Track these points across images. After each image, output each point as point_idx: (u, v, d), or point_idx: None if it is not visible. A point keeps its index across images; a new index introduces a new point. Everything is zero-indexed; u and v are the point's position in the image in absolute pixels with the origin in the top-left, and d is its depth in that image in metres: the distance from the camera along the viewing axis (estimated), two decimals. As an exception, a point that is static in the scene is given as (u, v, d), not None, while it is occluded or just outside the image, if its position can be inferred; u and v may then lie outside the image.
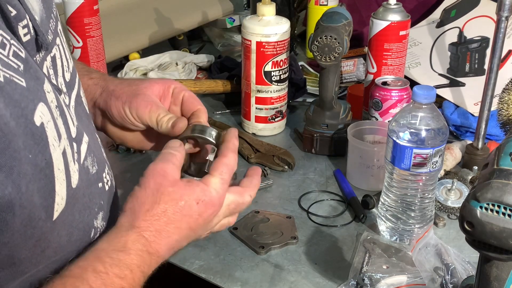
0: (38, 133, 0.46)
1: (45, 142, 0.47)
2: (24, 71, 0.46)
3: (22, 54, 0.46)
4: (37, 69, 0.49)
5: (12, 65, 0.44)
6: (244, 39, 1.09)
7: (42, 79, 0.49)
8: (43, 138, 0.46)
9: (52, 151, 0.48)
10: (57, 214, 0.49)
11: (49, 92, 0.50)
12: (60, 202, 0.49)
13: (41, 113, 0.47)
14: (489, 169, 0.52)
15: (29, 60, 0.47)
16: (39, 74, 0.49)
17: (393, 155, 0.79)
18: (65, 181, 0.50)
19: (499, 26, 0.90)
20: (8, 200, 0.43)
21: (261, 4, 1.08)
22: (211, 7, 1.63)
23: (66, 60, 0.58)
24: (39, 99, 0.47)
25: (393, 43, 1.08)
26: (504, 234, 0.48)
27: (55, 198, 0.48)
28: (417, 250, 0.75)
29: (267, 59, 1.08)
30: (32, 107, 0.46)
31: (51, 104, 0.49)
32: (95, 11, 1.22)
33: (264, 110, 1.14)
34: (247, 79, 1.13)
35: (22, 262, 0.48)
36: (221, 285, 0.76)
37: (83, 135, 0.57)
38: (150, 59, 1.40)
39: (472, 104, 1.14)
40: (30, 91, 0.46)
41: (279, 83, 1.12)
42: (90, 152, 0.57)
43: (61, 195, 0.49)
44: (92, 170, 0.57)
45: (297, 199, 0.95)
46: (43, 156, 0.46)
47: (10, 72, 0.44)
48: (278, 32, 1.07)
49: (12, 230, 0.45)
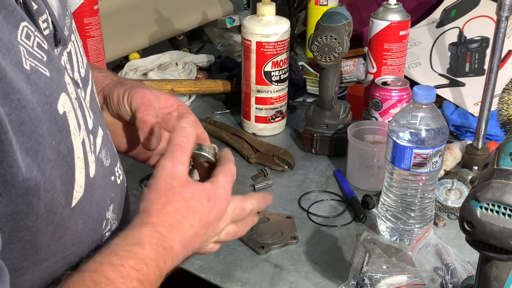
0: (61, 121, 0.48)
1: (67, 130, 0.49)
2: (47, 62, 0.48)
3: (45, 46, 0.48)
4: (58, 61, 0.51)
5: (36, 55, 0.46)
6: (244, 39, 1.09)
7: (63, 71, 0.51)
8: (66, 126, 0.49)
9: (73, 139, 0.50)
10: (75, 201, 0.50)
11: (69, 84, 0.52)
12: (79, 190, 0.51)
13: (63, 102, 0.49)
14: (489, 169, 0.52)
15: (51, 52, 0.49)
16: (60, 66, 0.51)
17: (393, 155, 0.79)
18: (84, 169, 0.51)
19: (499, 26, 0.90)
20: (34, 184, 0.45)
21: (261, 4, 1.08)
22: (211, 7, 1.63)
23: (80, 56, 0.60)
24: (62, 89, 0.49)
25: (393, 43, 1.08)
26: (504, 234, 0.48)
27: (75, 185, 0.50)
28: (417, 250, 0.75)
29: (267, 59, 1.08)
30: (56, 96, 0.48)
31: (71, 95, 0.51)
32: (95, 11, 1.22)
33: (264, 110, 1.14)
34: (247, 79, 1.13)
35: (42, 249, 0.50)
36: (221, 285, 0.76)
37: (98, 129, 0.59)
38: (150, 59, 1.40)
39: (472, 104, 1.14)
40: (53, 80, 0.48)
41: (279, 83, 1.12)
42: (104, 145, 0.59)
43: (80, 183, 0.51)
44: (106, 163, 0.59)
45: (297, 199, 0.95)
46: (65, 144, 0.48)
47: (36, 62, 0.46)
48: (278, 32, 1.07)
49: (36, 214, 0.46)
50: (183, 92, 1.26)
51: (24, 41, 0.45)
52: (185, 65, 1.40)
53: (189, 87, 1.26)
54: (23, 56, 0.45)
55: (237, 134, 1.12)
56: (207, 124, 1.17)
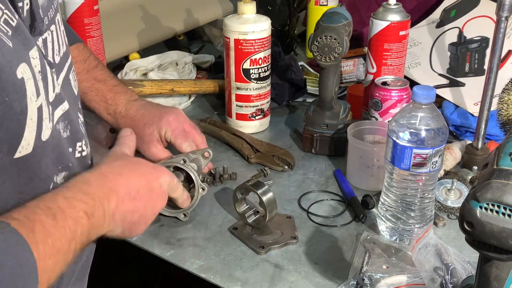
0: (18, 84, 0.55)
1: (24, 93, 0.56)
2: (12, 36, 0.55)
3: (13, 23, 0.56)
4: (27, 38, 0.58)
5: (2, 29, 0.54)
6: (224, 37, 1.10)
7: (30, 46, 0.58)
8: (22, 89, 0.56)
9: (29, 103, 0.56)
10: (19, 154, 0.57)
11: (34, 58, 0.59)
12: (25, 146, 0.57)
13: (22, 69, 0.56)
14: (489, 169, 0.52)
15: (20, 28, 0.57)
16: (28, 42, 0.58)
17: (393, 155, 0.79)
18: (35, 131, 0.58)
19: (499, 26, 0.90)
20: None
21: (241, 3, 1.09)
22: (211, 7, 1.63)
23: (58, 45, 0.68)
24: (23, 59, 0.56)
25: (393, 43, 1.08)
26: (504, 234, 0.48)
27: (22, 141, 0.57)
28: (417, 250, 0.75)
29: (245, 56, 1.09)
30: (16, 63, 0.55)
31: (34, 68, 0.58)
32: (95, 11, 1.22)
33: (244, 107, 1.14)
34: (228, 76, 1.13)
35: None
36: (221, 285, 0.76)
37: (63, 103, 0.66)
38: (150, 59, 1.40)
39: (472, 104, 1.14)
40: (15, 51, 0.55)
41: (258, 81, 1.12)
42: (64, 119, 0.66)
43: (28, 141, 0.57)
44: (63, 134, 0.66)
45: (297, 199, 0.95)
46: (19, 104, 0.55)
47: (1, 34, 0.54)
48: (256, 30, 1.07)
49: None
50: (183, 92, 1.26)
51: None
52: (185, 65, 1.40)
53: (189, 87, 1.26)
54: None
55: (237, 134, 1.12)
56: (207, 124, 1.17)
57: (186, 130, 0.96)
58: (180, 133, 0.95)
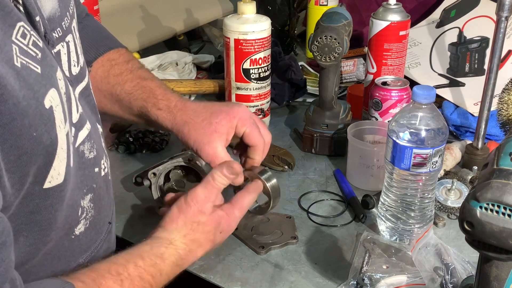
0: (46, 114, 0.51)
1: (52, 123, 0.52)
2: (41, 59, 0.52)
3: (40, 44, 0.52)
4: (52, 58, 0.55)
5: (30, 53, 0.50)
6: (224, 37, 1.10)
7: (56, 67, 0.55)
8: (51, 119, 0.52)
9: (58, 132, 0.53)
10: (49, 185, 0.54)
11: (60, 79, 0.55)
12: (55, 176, 0.54)
13: (51, 97, 0.52)
14: (489, 169, 0.52)
15: (45, 50, 0.53)
16: (54, 62, 0.55)
17: (393, 155, 0.79)
18: (66, 160, 0.56)
19: (498, 26, 0.90)
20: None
21: (241, 3, 1.09)
22: (211, 7, 1.63)
23: (76, 55, 0.65)
24: (51, 85, 0.53)
25: (393, 43, 1.08)
26: (504, 234, 0.48)
27: (50, 171, 0.54)
28: (417, 250, 0.75)
29: (245, 56, 1.09)
30: (44, 91, 0.51)
31: (61, 90, 0.55)
32: (95, 11, 1.22)
33: None
34: (228, 76, 1.14)
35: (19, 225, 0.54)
36: (221, 285, 0.76)
37: (86, 123, 0.63)
38: (150, 59, 1.40)
39: (472, 104, 1.14)
40: (43, 77, 0.52)
41: (258, 81, 1.12)
42: (90, 139, 0.64)
43: (58, 170, 0.55)
44: (89, 155, 0.64)
45: (297, 199, 0.95)
46: (49, 135, 0.52)
47: (27, 60, 0.50)
48: (256, 30, 1.07)
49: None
50: (183, 92, 1.26)
51: (19, 39, 0.49)
52: (185, 65, 1.40)
53: (189, 87, 1.26)
54: (15, 54, 0.48)
55: (237, 134, 1.12)
56: (207, 124, 1.17)
57: (256, 122, 0.85)
58: (253, 124, 0.84)
